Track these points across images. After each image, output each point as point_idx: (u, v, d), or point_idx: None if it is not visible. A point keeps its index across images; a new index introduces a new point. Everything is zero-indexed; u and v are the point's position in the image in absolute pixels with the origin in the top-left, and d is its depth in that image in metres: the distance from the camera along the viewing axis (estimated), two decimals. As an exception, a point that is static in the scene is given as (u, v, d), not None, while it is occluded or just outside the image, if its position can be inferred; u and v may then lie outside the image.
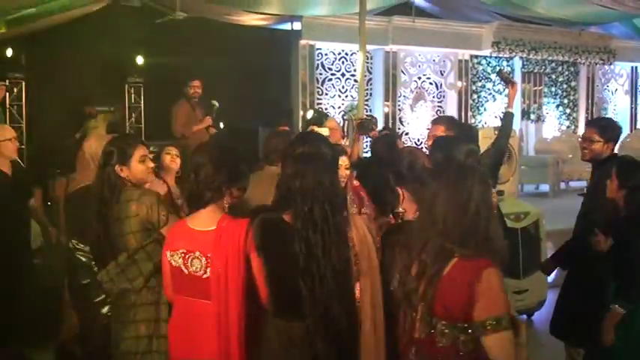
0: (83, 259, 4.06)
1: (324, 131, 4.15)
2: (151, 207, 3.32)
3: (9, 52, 9.64)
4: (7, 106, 9.75)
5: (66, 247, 4.40)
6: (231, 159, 3.05)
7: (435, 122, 5.13)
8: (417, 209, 3.10)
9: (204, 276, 2.87)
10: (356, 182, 4.09)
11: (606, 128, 4.44)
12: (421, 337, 2.48)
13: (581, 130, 13.22)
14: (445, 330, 2.39)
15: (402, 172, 3.15)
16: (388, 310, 2.83)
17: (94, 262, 3.97)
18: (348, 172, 3.78)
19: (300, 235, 2.63)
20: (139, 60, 10.88)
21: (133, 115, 11.26)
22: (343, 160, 3.66)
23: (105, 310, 3.99)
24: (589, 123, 4.64)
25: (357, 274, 2.77)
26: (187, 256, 2.91)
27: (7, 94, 9.53)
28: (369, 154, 7.20)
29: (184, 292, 2.96)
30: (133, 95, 11.23)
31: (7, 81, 9.24)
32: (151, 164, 3.67)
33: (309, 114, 9.68)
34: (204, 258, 2.87)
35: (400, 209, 3.20)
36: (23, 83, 10.00)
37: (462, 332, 2.36)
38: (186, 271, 2.91)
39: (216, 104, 7.43)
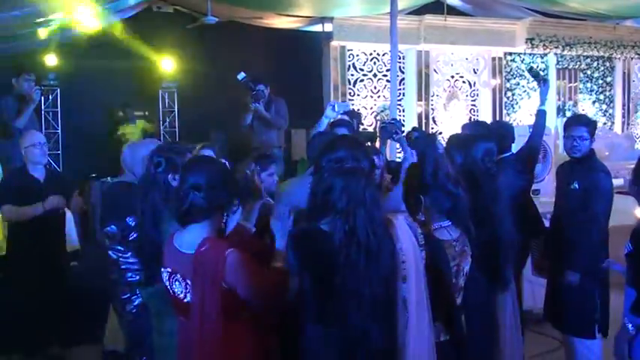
0: (114, 257, 4.05)
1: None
2: None
3: (43, 60, 9.75)
4: (43, 112, 9.88)
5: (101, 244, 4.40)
6: (228, 176, 2.96)
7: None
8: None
9: (185, 300, 2.82)
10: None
11: (591, 125, 4.71)
12: None
13: (617, 126, 13.03)
14: None
15: (425, 179, 3.08)
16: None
17: (121, 259, 4.00)
18: None
19: (341, 254, 2.59)
20: (172, 65, 10.95)
21: (167, 119, 11.33)
22: None
23: (130, 307, 4.00)
24: (574, 122, 4.72)
25: (404, 277, 2.75)
26: (171, 277, 2.87)
27: (43, 101, 9.66)
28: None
29: (175, 307, 2.95)
30: (166, 100, 11.30)
31: (43, 87, 9.34)
32: None
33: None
34: (183, 282, 2.81)
35: (421, 217, 3.14)
36: (58, 90, 10.11)
37: None
38: (171, 291, 2.88)
39: (243, 75, 7.11)
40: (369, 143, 6.32)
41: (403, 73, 11.09)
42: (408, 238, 2.80)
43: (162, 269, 2.92)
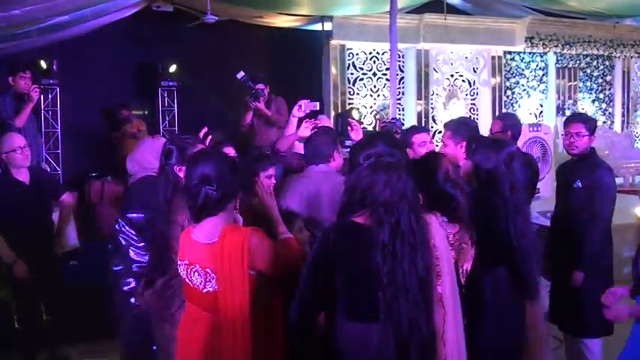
0: (123, 242, 4.02)
1: None
2: None
3: (43, 59, 9.73)
4: (42, 111, 9.86)
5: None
6: (237, 167, 2.95)
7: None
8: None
9: (204, 290, 2.81)
10: None
11: (590, 122, 4.63)
12: None
13: (617, 125, 13.04)
14: None
15: (423, 178, 3.08)
16: None
17: (132, 248, 4.00)
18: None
19: (386, 247, 2.58)
20: (172, 64, 10.94)
21: (167, 118, 11.32)
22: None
23: (134, 299, 3.96)
24: (571, 119, 4.68)
25: (438, 270, 2.78)
26: (189, 268, 2.86)
27: (42, 99, 9.64)
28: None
29: (192, 300, 2.94)
30: (166, 99, 11.29)
31: (42, 87, 9.32)
32: None
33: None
34: (203, 272, 2.80)
35: None
36: (57, 89, 10.09)
37: None
38: (190, 283, 2.88)
39: (242, 73, 7.07)
40: None
41: (403, 71, 11.09)
42: (441, 236, 2.83)
43: (180, 262, 2.93)
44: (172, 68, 10.99)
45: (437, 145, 10.37)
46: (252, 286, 2.73)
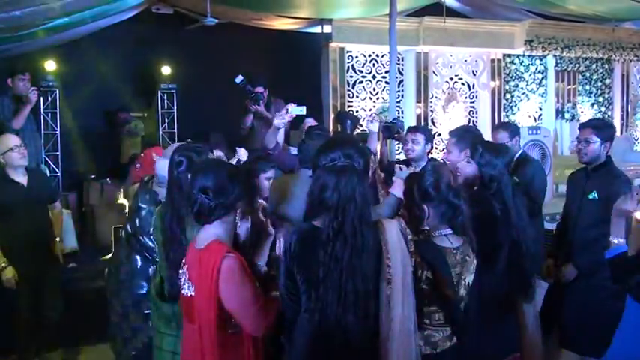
0: (151, 245, 4.05)
1: None
2: None
3: (42, 61, 9.74)
4: (42, 113, 9.87)
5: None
6: (239, 178, 3.02)
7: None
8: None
9: (187, 295, 2.93)
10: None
11: (601, 128, 4.46)
12: None
13: (616, 128, 13.04)
14: None
15: (427, 189, 3.13)
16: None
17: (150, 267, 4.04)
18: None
19: (327, 247, 2.70)
20: (171, 66, 10.95)
21: (166, 121, 11.33)
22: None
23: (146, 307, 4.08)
24: (582, 125, 4.58)
25: (388, 276, 2.79)
26: (183, 272, 3.01)
27: (42, 101, 9.66)
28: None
29: (184, 314, 3.04)
30: (165, 101, 11.30)
31: (41, 89, 9.33)
32: None
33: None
34: (187, 274, 2.95)
35: (426, 227, 3.18)
36: (57, 91, 10.10)
37: None
38: (183, 291, 2.99)
39: (241, 78, 7.11)
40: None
41: (402, 74, 11.08)
42: (396, 242, 2.83)
43: (181, 270, 3.03)
44: (172, 70, 11.00)
45: (436, 147, 10.42)
46: (220, 310, 2.82)
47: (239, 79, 6.93)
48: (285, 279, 2.88)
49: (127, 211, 7.45)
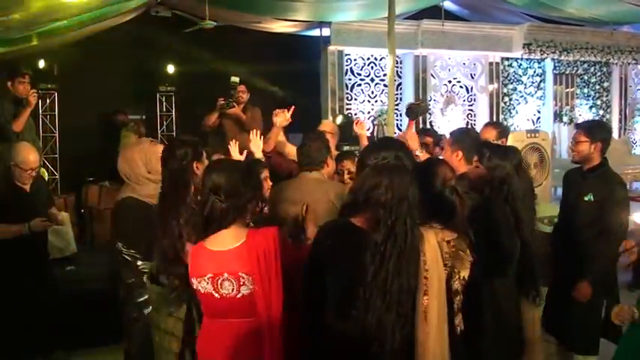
0: (128, 258, 4.05)
1: None
2: None
3: (41, 64, 9.74)
4: (40, 116, 9.87)
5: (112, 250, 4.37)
6: (251, 175, 2.98)
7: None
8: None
9: (238, 295, 2.79)
10: None
11: (592, 129, 4.48)
12: None
13: (614, 132, 13.05)
14: None
15: (422, 184, 3.10)
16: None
17: (139, 262, 4.01)
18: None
19: (377, 247, 2.61)
20: (170, 69, 10.96)
21: (165, 123, 11.33)
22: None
23: (147, 310, 4.02)
24: (577, 125, 4.63)
25: (425, 288, 2.74)
26: (216, 279, 2.80)
27: (40, 104, 9.65)
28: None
29: (219, 314, 2.88)
30: (164, 104, 11.30)
31: (40, 91, 9.32)
32: None
33: (339, 119, 9.68)
34: (234, 277, 2.78)
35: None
36: (56, 94, 10.09)
37: None
38: (217, 295, 2.82)
39: (237, 80, 7.27)
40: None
41: (400, 77, 11.11)
42: (434, 254, 2.81)
43: (198, 279, 2.87)
44: (170, 73, 11.00)
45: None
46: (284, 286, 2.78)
47: (237, 79, 7.00)
48: (312, 274, 2.78)
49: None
